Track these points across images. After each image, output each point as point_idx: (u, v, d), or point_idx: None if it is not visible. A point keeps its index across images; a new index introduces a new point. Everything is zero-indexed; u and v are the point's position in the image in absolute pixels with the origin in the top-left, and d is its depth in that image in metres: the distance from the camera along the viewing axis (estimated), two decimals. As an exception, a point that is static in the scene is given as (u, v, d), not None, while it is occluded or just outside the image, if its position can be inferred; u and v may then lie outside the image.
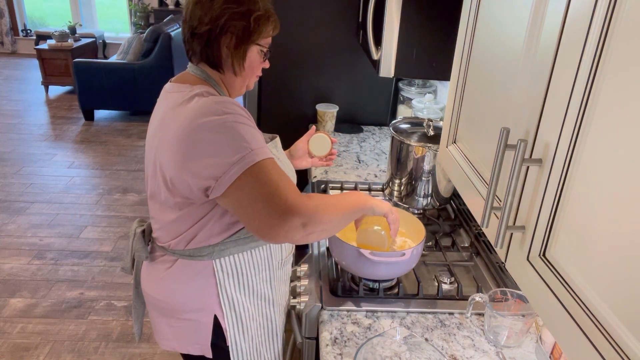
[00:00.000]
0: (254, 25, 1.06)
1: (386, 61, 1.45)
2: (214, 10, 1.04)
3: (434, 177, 1.62)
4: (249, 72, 1.13)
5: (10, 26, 7.35)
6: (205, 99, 1.02)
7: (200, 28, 1.05)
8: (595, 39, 0.51)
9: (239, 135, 0.97)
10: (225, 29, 1.05)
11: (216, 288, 1.14)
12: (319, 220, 0.99)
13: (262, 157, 0.98)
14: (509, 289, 1.19)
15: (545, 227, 0.60)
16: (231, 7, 1.04)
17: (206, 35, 1.06)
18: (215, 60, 1.09)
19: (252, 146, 0.98)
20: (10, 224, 3.26)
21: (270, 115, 2.50)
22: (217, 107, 0.99)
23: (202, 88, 1.06)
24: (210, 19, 1.04)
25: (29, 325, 2.46)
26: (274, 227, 0.96)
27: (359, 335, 1.15)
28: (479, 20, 0.88)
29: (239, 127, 0.98)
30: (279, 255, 1.23)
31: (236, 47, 1.07)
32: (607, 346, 0.47)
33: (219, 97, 1.03)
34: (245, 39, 1.07)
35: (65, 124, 4.99)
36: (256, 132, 1.01)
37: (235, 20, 1.04)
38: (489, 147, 0.81)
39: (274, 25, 1.12)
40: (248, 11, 1.05)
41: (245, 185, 0.97)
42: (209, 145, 0.98)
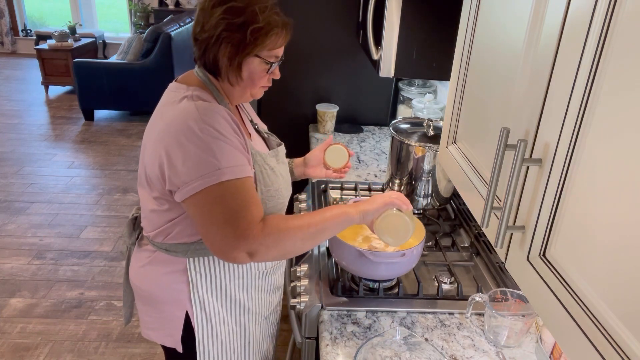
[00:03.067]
0: (250, 37, 1.03)
1: (386, 61, 1.45)
2: (213, 18, 1.03)
3: (434, 177, 1.62)
4: (249, 83, 1.11)
5: (10, 26, 7.35)
6: (191, 103, 1.02)
7: (200, 35, 1.05)
8: (595, 39, 0.51)
9: (210, 150, 0.97)
10: (221, 39, 1.04)
11: (188, 286, 1.15)
12: (273, 247, 1.01)
13: (228, 177, 0.98)
14: (509, 289, 1.19)
15: (545, 227, 0.60)
16: (228, 17, 1.02)
17: (205, 42, 1.05)
18: (212, 68, 1.09)
19: (220, 164, 0.98)
20: (10, 224, 3.26)
21: (270, 115, 2.50)
22: (198, 115, 0.99)
23: (196, 91, 1.06)
24: (209, 27, 1.03)
25: (29, 325, 2.46)
26: (223, 252, 1.00)
27: (359, 335, 1.15)
28: (479, 20, 0.88)
29: (213, 141, 0.98)
30: (262, 266, 1.22)
31: (231, 58, 1.06)
32: (607, 346, 0.47)
33: (206, 104, 1.02)
34: (240, 51, 1.05)
35: (65, 124, 4.99)
36: (231, 149, 1.00)
37: (231, 32, 1.03)
38: (489, 147, 0.81)
39: (281, 37, 1.10)
40: (245, 23, 1.03)
41: (202, 203, 0.99)
42: (179, 152, 0.98)
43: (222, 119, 1.01)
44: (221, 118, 1.01)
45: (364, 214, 1.13)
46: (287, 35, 1.12)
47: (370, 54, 1.55)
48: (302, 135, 2.51)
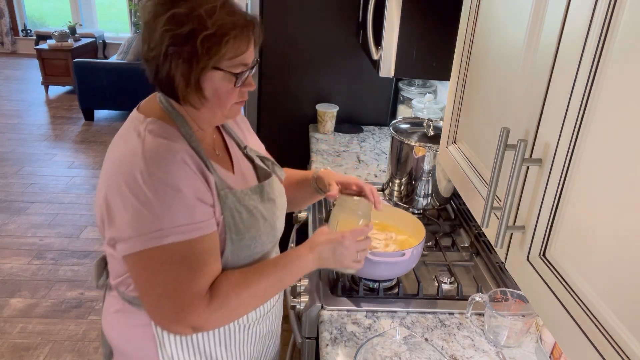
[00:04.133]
0: (202, 49, 0.85)
1: (386, 61, 1.45)
2: (156, 33, 0.86)
3: (434, 177, 1.62)
4: (216, 102, 0.92)
5: (10, 26, 7.34)
6: (140, 144, 0.88)
7: (148, 54, 0.89)
8: (595, 39, 0.51)
9: (152, 205, 0.84)
10: (169, 55, 0.86)
11: (155, 343, 1.00)
12: (223, 317, 0.93)
13: (172, 239, 0.85)
14: (509, 289, 1.19)
15: (545, 227, 0.60)
16: (172, 28, 0.85)
17: (154, 62, 0.89)
18: (169, 92, 0.92)
19: (163, 224, 0.84)
20: (10, 224, 3.26)
21: (271, 115, 2.50)
22: (143, 161, 0.85)
23: (152, 124, 0.91)
24: (155, 44, 0.87)
25: (29, 325, 2.46)
26: (161, 324, 0.92)
27: (359, 335, 1.15)
28: (479, 20, 0.88)
29: (158, 195, 0.84)
30: (243, 319, 1.06)
31: (186, 77, 0.88)
32: (607, 346, 0.47)
33: (158, 146, 0.88)
34: (195, 66, 0.87)
35: (65, 124, 4.99)
36: (182, 204, 0.86)
37: (178, 45, 0.85)
38: (489, 147, 0.81)
39: (243, 40, 0.90)
40: (192, 32, 0.85)
41: (140, 266, 0.88)
42: (119, 202, 0.86)
43: (175, 164, 0.86)
44: (174, 164, 0.86)
45: (319, 251, 1.01)
46: (253, 36, 0.92)
47: (370, 54, 1.55)
48: (302, 135, 2.51)
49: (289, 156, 2.57)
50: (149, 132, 0.90)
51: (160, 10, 0.86)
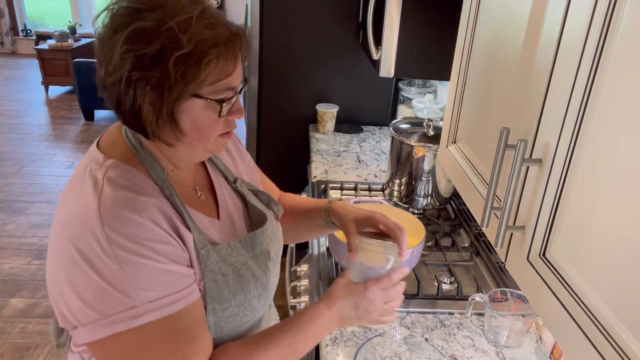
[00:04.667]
0: (175, 73, 0.66)
1: (386, 61, 1.45)
2: (114, 53, 0.66)
3: (434, 177, 1.62)
4: (196, 136, 0.73)
5: (10, 26, 7.34)
6: (95, 199, 0.69)
7: (105, 79, 0.69)
8: (595, 39, 0.51)
9: (115, 280, 0.66)
10: (132, 82, 0.67)
11: None
12: None
13: (147, 318, 0.68)
14: (509, 289, 1.19)
15: (545, 227, 0.60)
16: (134, 48, 0.65)
17: (113, 90, 0.69)
18: (134, 126, 0.72)
19: (134, 300, 0.67)
20: (10, 224, 3.26)
21: (271, 115, 2.50)
22: (100, 223, 0.67)
23: (114, 169, 0.73)
24: (114, 68, 0.67)
25: (29, 325, 2.46)
26: None
27: (359, 335, 1.15)
28: (479, 20, 0.88)
29: (123, 265, 0.67)
30: None
31: (156, 109, 0.69)
32: (607, 346, 0.47)
33: (119, 201, 0.69)
34: (167, 96, 0.68)
35: (65, 124, 4.99)
36: (156, 272, 0.69)
37: (143, 70, 0.66)
38: (489, 147, 0.81)
39: (227, 59, 0.71)
40: (162, 52, 0.65)
41: (111, 355, 0.70)
42: (74, 278, 0.68)
43: (141, 226, 0.69)
44: (140, 226, 0.69)
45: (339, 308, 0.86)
46: (239, 52, 0.73)
47: (370, 54, 1.55)
48: (302, 135, 2.51)
49: (289, 156, 2.57)
50: (107, 181, 0.71)
51: (120, 23, 0.67)
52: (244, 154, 1.05)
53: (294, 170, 2.55)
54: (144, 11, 0.67)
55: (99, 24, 0.69)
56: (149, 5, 0.67)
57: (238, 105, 0.77)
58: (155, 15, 0.66)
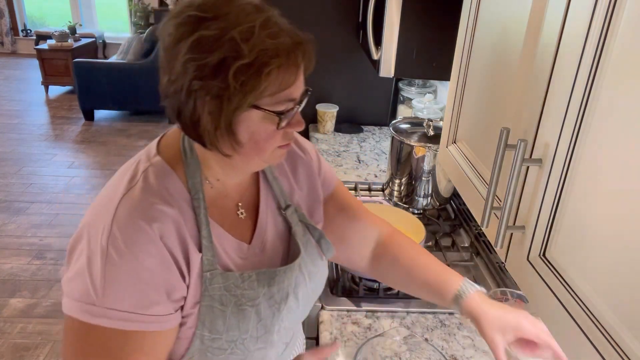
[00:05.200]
0: (235, 83, 0.65)
1: (386, 61, 1.45)
2: (177, 61, 0.66)
3: (434, 177, 1.62)
4: (252, 147, 0.72)
5: (10, 26, 7.35)
6: (125, 191, 0.71)
7: (167, 88, 0.69)
8: (596, 38, 0.51)
9: (96, 273, 0.67)
10: (193, 92, 0.67)
11: None
12: None
13: (101, 322, 0.67)
14: (509, 289, 1.19)
15: (545, 227, 0.60)
16: (196, 57, 0.65)
17: (175, 99, 0.69)
18: (193, 135, 0.72)
19: (98, 300, 0.67)
20: (10, 224, 3.26)
21: (270, 115, 2.50)
22: (114, 217, 0.69)
23: (154, 167, 0.74)
24: (176, 77, 0.67)
25: (29, 325, 2.46)
26: None
27: (359, 335, 1.15)
28: (479, 20, 0.88)
29: (112, 264, 0.67)
30: None
31: (215, 119, 0.68)
32: (607, 346, 0.47)
33: (142, 203, 0.70)
34: (225, 106, 0.67)
35: (65, 124, 4.99)
36: (128, 286, 0.68)
37: (204, 79, 0.65)
38: (489, 147, 0.81)
39: (289, 70, 0.70)
40: (223, 62, 0.65)
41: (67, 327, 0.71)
42: (78, 250, 0.71)
43: (147, 235, 0.68)
44: (146, 234, 0.68)
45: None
46: (302, 61, 0.74)
47: (370, 54, 1.55)
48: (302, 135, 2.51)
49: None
50: (144, 177, 0.73)
51: (184, 32, 0.66)
52: (311, 172, 0.96)
53: (294, 170, 2.55)
54: (208, 20, 0.66)
55: (165, 33, 0.69)
56: (213, 14, 0.66)
57: (298, 117, 0.74)
58: (218, 24, 0.65)
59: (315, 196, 0.95)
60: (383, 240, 1.02)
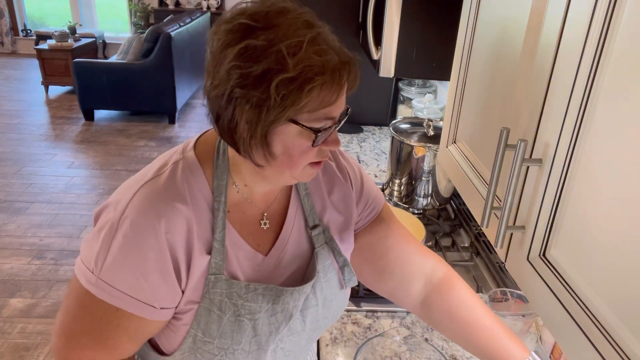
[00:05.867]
0: (276, 95, 0.65)
1: (386, 61, 1.45)
2: (222, 67, 0.67)
3: (434, 177, 1.62)
4: (285, 161, 0.71)
5: (10, 26, 7.35)
6: (148, 186, 0.74)
7: (210, 91, 0.70)
8: (596, 38, 0.51)
9: (101, 245, 0.72)
10: (234, 99, 0.67)
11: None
12: None
13: (93, 289, 0.72)
14: (509, 289, 1.19)
15: (545, 227, 0.60)
16: (242, 65, 0.65)
17: (215, 103, 0.70)
18: (229, 140, 0.72)
19: (96, 269, 0.71)
20: (10, 224, 3.26)
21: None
22: (133, 199, 0.72)
23: (184, 164, 0.76)
24: (219, 82, 0.67)
25: (29, 325, 2.46)
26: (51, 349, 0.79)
27: (359, 335, 1.15)
28: (479, 20, 0.88)
29: (115, 241, 0.71)
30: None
31: (251, 127, 0.68)
32: (607, 346, 0.47)
33: (160, 194, 0.73)
34: (264, 117, 0.67)
35: (65, 124, 4.99)
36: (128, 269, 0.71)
37: (246, 88, 0.65)
38: (489, 147, 0.81)
39: (332, 89, 0.70)
40: (266, 73, 0.64)
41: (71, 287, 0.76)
42: (97, 224, 0.75)
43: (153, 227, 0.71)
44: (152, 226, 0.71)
45: None
46: (345, 82, 0.73)
47: (370, 54, 1.55)
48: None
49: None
50: (172, 168, 0.75)
51: (232, 39, 0.66)
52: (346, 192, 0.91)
53: (294, 170, 2.55)
54: (258, 29, 0.66)
55: (214, 38, 0.68)
56: (264, 24, 0.66)
57: (334, 136, 0.75)
58: (267, 35, 0.65)
59: (349, 222, 0.92)
60: (438, 282, 0.94)
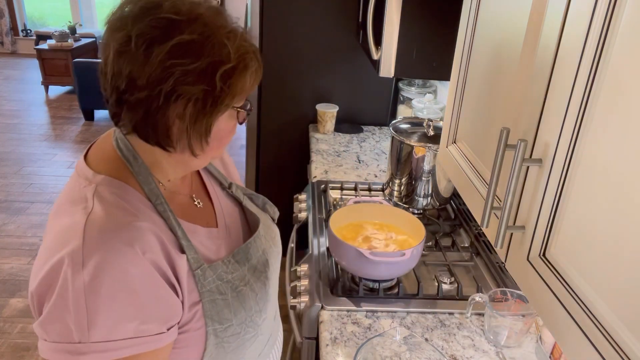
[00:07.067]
0: (221, 85, 0.66)
1: (386, 61, 1.45)
2: (152, 66, 0.64)
3: (434, 177, 1.62)
4: (215, 145, 0.74)
5: (10, 26, 7.34)
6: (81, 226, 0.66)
7: (132, 93, 0.66)
8: (595, 39, 0.51)
9: (69, 307, 0.62)
10: (173, 96, 0.66)
11: None
12: None
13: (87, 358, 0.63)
14: (509, 289, 1.19)
15: (545, 227, 0.60)
16: (181, 62, 0.64)
17: (143, 105, 0.66)
18: (160, 140, 0.70)
19: (79, 335, 0.62)
20: (10, 224, 3.26)
21: (271, 115, 2.50)
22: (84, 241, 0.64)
23: (105, 187, 0.70)
24: (148, 82, 0.65)
25: (29, 325, 2.45)
26: None
27: (359, 335, 1.15)
28: (479, 20, 0.88)
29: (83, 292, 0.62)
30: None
31: (196, 122, 0.68)
32: (607, 346, 0.47)
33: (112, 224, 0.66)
34: (209, 110, 0.68)
35: (65, 124, 4.99)
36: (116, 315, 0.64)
37: (189, 85, 0.65)
38: (489, 147, 0.81)
39: (257, 72, 0.73)
40: (211, 66, 0.66)
41: None
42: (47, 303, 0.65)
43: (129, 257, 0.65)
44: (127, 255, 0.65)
45: None
46: (261, 66, 0.74)
47: (370, 54, 1.55)
48: (302, 135, 2.51)
49: (289, 156, 2.57)
50: (98, 199, 0.68)
51: (156, 35, 0.64)
52: (230, 158, 1.03)
53: (294, 170, 2.55)
54: (182, 23, 0.65)
55: (119, 35, 0.66)
56: (186, 17, 0.66)
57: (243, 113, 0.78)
58: (194, 27, 0.65)
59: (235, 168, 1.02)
60: None
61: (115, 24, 0.68)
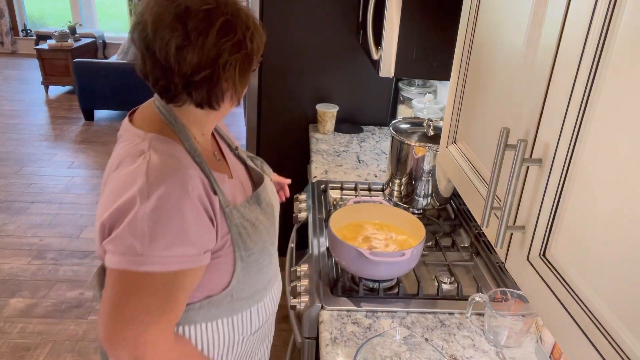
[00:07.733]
0: (251, 46, 0.89)
1: (386, 61, 1.45)
2: (208, 50, 0.84)
3: (434, 177, 1.62)
4: (237, 97, 0.96)
5: (10, 26, 7.34)
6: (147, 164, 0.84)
7: (197, 75, 0.86)
8: (595, 39, 0.51)
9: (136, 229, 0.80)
10: (227, 65, 0.87)
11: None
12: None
13: (147, 267, 0.81)
14: (509, 289, 1.19)
15: (545, 227, 0.60)
16: (226, 40, 0.85)
17: (207, 79, 0.87)
18: (213, 102, 0.91)
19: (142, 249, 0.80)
20: (10, 224, 3.26)
21: (271, 115, 2.50)
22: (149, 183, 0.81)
23: (156, 141, 0.88)
24: (209, 61, 0.85)
25: (29, 325, 2.45)
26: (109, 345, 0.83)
27: (359, 335, 1.15)
28: (479, 20, 0.88)
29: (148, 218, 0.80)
30: (247, 328, 1.04)
31: (241, 81, 0.91)
32: (607, 346, 0.47)
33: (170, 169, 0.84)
34: (249, 66, 0.91)
35: (65, 124, 4.99)
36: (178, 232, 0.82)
37: (236, 53, 0.87)
38: (489, 147, 0.81)
39: (262, 28, 0.95)
40: (243, 34, 0.87)
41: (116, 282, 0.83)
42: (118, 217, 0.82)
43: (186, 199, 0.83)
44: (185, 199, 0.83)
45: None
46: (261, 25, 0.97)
47: (370, 54, 1.55)
48: (302, 135, 2.51)
49: (289, 156, 2.57)
50: (153, 149, 0.86)
51: (207, 24, 0.84)
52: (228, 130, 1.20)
53: (294, 170, 2.55)
54: (215, 10, 0.85)
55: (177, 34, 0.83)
56: (214, 4, 0.85)
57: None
58: (224, 10, 0.86)
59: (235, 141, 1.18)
60: None
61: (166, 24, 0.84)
